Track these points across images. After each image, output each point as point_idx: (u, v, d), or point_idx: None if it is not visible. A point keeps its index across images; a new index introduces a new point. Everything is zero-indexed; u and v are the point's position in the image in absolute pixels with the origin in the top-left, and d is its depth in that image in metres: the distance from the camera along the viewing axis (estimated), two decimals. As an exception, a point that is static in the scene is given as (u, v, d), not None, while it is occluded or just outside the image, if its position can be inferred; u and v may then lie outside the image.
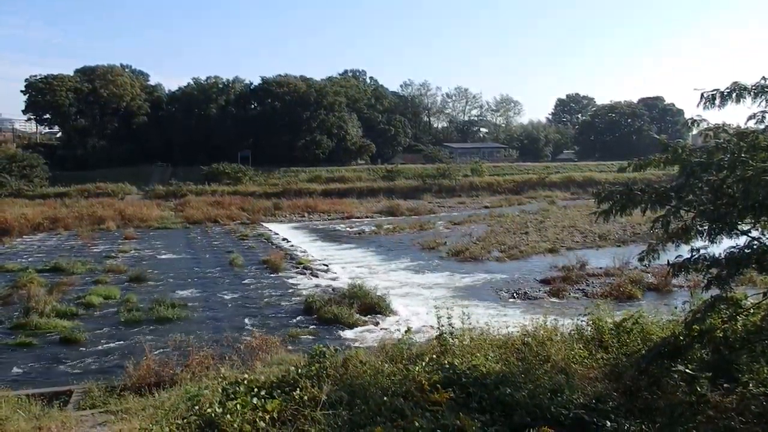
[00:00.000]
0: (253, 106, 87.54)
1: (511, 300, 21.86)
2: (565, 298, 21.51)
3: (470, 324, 9.90)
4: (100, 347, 16.18)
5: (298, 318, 19.12)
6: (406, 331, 9.62)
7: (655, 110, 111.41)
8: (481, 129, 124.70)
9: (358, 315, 18.60)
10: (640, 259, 7.78)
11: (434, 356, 8.40)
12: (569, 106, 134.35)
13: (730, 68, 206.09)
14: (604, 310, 10.12)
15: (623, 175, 11.53)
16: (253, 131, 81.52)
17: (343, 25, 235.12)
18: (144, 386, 10.89)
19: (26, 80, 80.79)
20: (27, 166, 66.89)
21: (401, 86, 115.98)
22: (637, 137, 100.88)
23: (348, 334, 17.12)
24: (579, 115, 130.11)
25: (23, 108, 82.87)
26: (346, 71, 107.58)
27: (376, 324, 18.13)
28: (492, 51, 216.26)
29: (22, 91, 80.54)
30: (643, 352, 7.85)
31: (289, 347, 13.72)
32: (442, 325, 9.45)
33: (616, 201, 7.46)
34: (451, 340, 9.14)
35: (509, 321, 11.06)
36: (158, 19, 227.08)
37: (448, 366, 7.80)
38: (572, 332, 9.74)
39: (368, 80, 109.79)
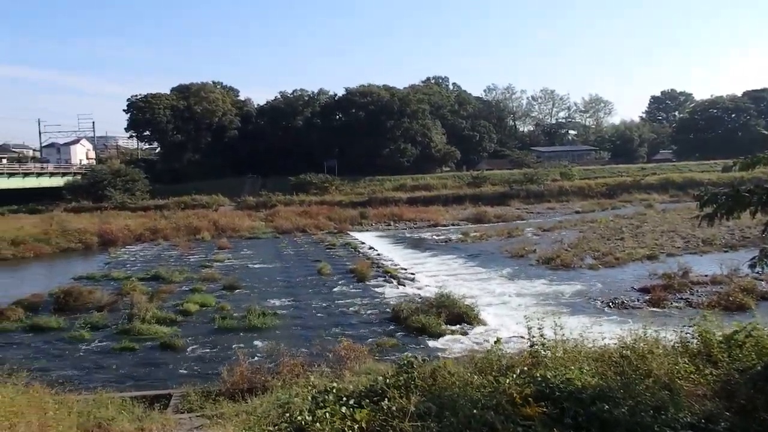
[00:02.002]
0: (337, 116, 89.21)
1: (606, 310, 20.86)
2: (666, 308, 20.26)
3: (563, 335, 9.46)
4: (196, 353, 16.77)
5: (385, 327, 19.08)
6: (495, 342, 9.32)
7: (763, 103, 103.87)
8: (570, 131, 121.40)
9: (445, 324, 18.31)
10: (752, 266, 7.14)
11: (525, 368, 8.07)
12: (665, 103, 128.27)
13: None
14: (711, 321, 9.40)
15: (728, 174, 10.79)
16: (338, 141, 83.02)
17: (424, 32, 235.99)
18: (237, 392, 11.14)
19: (128, 100, 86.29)
20: (129, 180, 71.20)
21: (485, 91, 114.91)
22: (743, 133, 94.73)
23: (435, 343, 16.90)
24: (676, 113, 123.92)
25: (126, 126, 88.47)
26: (428, 78, 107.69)
27: (464, 334, 17.80)
28: (579, 50, 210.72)
29: (124, 110, 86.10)
30: (759, 367, 7.21)
31: (377, 356, 13.68)
32: (533, 336, 9.08)
33: (721, 203, 6.90)
34: (543, 352, 8.76)
35: (605, 332, 10.46)
36: (247, 38, 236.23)
37: (540, 379, 7.46)
38: (676, 345, 9.09)
39: (451, 86, 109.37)
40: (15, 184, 68.88)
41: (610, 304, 21.41)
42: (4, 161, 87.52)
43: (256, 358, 14.52)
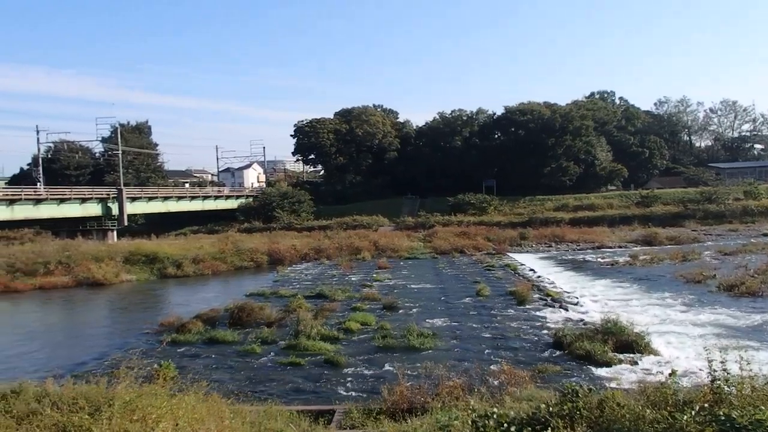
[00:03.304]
0: (496, 135, 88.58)
1: (803, 344, 18.50)
2: None
3: (751, 370, 8.53)
4: (357, 370, 17.24)
5: (546, 352, 18.40)
6: (670, 374, 8.63)
7: None
8: (756, 145, 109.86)
9: (612, 353, 17.23)
10: None
11: (706, 405, 7.37)
12: None
13: None
14: None
15: None
16: (497, 161, 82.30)
17: (587, 45, 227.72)
18: (398, 411, 11.30)
19: (295, 125, 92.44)
20: (296, 201, 75.80)
21: (655, 104, 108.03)
22: None
23: (601, 372, 15.96)
24: None
25: (293, 150, 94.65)
26: (592, 93, 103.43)
27: (634, 364, 16.62)
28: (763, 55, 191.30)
29: (291, 135, 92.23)
30: None
31: (539, 383, 13.22)
32: (715, 370, 8.27)
33: None
34: (726, 388, 7.94)
35: (803, 370, 9.29)
36: (406, 61, 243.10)
37: (724, 418, 6.76)
38: None
39: (617, 101, 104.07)
40: (196, 207, 76.40)
41: (809, 337, 18.93)
42: (187, 185, 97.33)
43: (414, 378, 14.64)
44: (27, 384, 9.93)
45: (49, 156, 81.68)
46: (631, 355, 17.27)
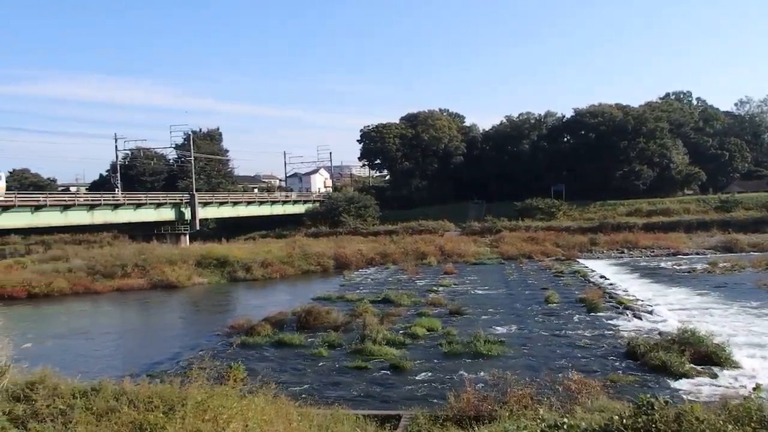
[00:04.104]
0: (565, 138, 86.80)
1: None
2: None
3: None
4: (423, 376, 17.15)
5: (619, 362, 17.78)
6: (754, 388, 8.18)
7: None
8: None
9: (690, 364, 16.47)
10: None
11: (793, 423, 6.95)
12: None
13: None
14: None
15: None
16: (565, 164, 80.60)
17: (662, 44, 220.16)
18: (464, 418, 11.15)
19: (361, 130, 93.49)
20: (362, 206, 76.42)
21: (736, 105, 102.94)
22: None
23: (678, 385, 15.29)
24: None
25: (359, 155, 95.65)
26: (667, 94, 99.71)
27: (713, 377, 15.83)
28: None
29: (357, 140, 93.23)
30: None
31: (611, 393, 12.77)
32: (806, 386, 7.79)
33: None
34: (817, 405, 7.47)
35: None
36: (473, 64, 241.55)
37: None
38: None
39: (694, 101, 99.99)
40: (264, 212, 78.29)
41: None
42: (256, 191, 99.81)
43: (481, 385, 14.44)
44: (106, 382, 10.37)
45: (127, 163, 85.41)
46: (711, 368, 16.49)
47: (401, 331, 22.34)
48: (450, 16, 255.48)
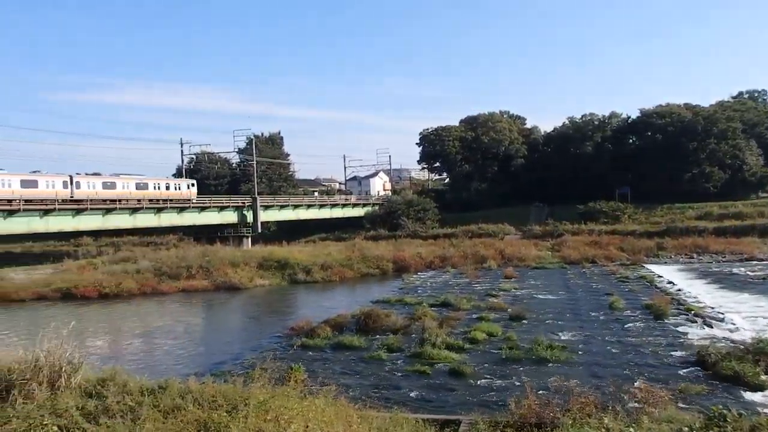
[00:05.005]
0: (631, 140, 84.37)
1: None
2: None
3: None
4: (483, 381, 16.97)
5: (688, 371, 17.10)
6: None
7: None
8: None
9: (765, 375, 15.70)
10: None
11: None
12: None
13: None
14: None
15: None
16: (631, 167, 78.32)
17: (734, 40, 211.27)
18: (526, 425, 10.95)
19: (420, 133, 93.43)
20: (421, 209, 76.32)
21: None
22: None
23: (753, 396, 14.58)
24: None
25: (418, 158, 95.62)
26: (740, 93, 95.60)
27: (793, 389, 15.05)
28: None
29: (416, 143, 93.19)
30: None
31: (679, 404, 12.30)
32: None
33: None
34: None
35: None
36: (533, 66, 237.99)
37: None
38: None
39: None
40: (324, 215, 79.37)
41: None
42: (316, 194, 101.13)
43: (543, 391, 14.15)
44: (172, 381, 10.68)
45: (191, 167, 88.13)
46: (788, 380, 15.65)
47: (461, 336, 22.19)
48: (513, 20, 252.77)
